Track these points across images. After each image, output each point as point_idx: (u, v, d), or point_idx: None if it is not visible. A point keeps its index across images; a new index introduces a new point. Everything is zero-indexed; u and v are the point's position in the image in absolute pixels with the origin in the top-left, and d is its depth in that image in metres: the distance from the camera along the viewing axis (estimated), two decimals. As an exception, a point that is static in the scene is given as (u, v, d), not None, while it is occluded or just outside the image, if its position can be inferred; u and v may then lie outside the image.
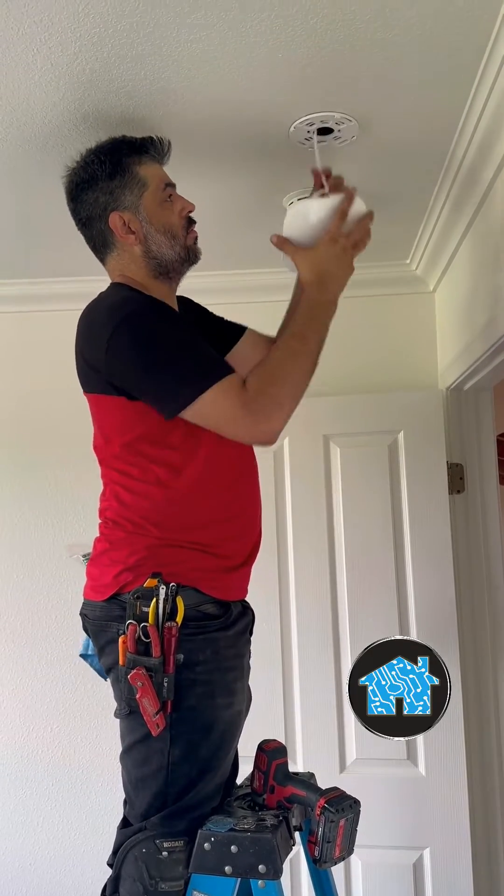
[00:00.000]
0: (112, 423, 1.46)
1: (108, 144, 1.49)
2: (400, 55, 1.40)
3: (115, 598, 1.41)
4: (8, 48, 1.35)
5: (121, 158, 1.47)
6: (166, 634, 1.31)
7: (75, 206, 1.52)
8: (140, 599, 1.32)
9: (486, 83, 1.48)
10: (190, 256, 1.54)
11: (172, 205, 1.51)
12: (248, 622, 1.54)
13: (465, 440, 2.41)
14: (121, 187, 1.46)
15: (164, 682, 1.30)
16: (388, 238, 2.26)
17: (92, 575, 1.49)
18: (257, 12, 1.28)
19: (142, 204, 1.47)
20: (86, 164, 1.48)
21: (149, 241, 1.48)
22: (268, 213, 1.95)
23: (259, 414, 1.35)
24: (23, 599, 2.53)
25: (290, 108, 1.55)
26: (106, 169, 1.46)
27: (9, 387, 2.61)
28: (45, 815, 2.50)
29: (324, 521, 2.36)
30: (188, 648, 1.34)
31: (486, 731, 2.33)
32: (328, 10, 1.28)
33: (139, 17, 1.28)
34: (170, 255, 1.50)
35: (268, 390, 1.36)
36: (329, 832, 1.35)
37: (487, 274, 1.87)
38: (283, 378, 1.38)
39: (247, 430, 1.38)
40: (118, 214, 1.47)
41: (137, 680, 1.29)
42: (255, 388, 1.36)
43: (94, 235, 1.52)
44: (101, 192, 1.47)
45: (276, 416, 1.36)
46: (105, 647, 1.44)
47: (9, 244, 2.20)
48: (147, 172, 1.48)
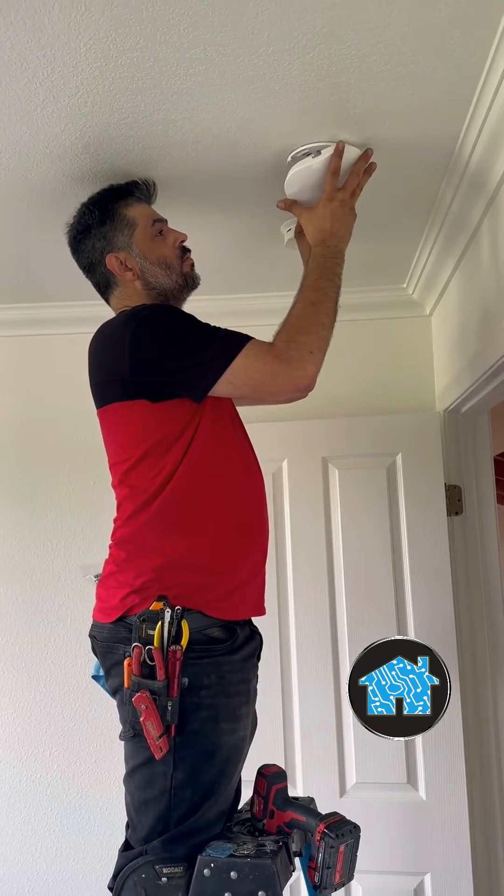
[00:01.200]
0: (132, 430, 1.49)
1: (96, 196, 1.61)
2: (396, 87, 1.43)
3: (122, 621, 1.42)
4: (11, 81, 1.38)
5: (107, 205, 1.59)
6: (171, 658, 1.31)
7: (78, 257, 1.65)
8: (146, 622, 1.33)
9: (480, 113, 1.51)
10: (188, 282, 1.63)
11: (165, 238, 1.61)
12: (256, 646, 1.54)
13: (462, 462, 2.42)
14: (112, 230, 1.58)
15: (168, 705, 1.30)
16: (385, 262, 2.30)
17: (100, 597, 1.51)
18: (255, 47, 1.32)
19: (134, 242, 1.58)
20: (79, 216, 1.61)
21: (146, 274, 1.58)
22: (268, 238, 1.98)
23: (294, 361, 1.42)
24: (23, 621, 2.53)
25: (288, 138, 1.58)
26: (96, 217, 1.59)
27: (12, 409, 2.63)
28: (44, 838, 2.47)
29: (323, 542, 2.36)
30: (193, 672, 1.35)
31: (487, 753, 2.32)
32: (324, 45, 1.31)
33: (139, 53, 1.32)
34: (168, 284, 1.59)
35: (297, 338, 1.44)
36: (329, 858, 1.35)
37: (482, 298, 1.89)
38: (308, 325, 1.46)
39: (286, 380, 1.43)
40: (114, 255, 1.58)
41: (141, 703, 1.30)
42: (284, 339, 1.44)
43: (98, 279, 1.63)
44: (96, 238, 1.59)
45: (308, 360, 1.43)
46: (112, 668, 1.45)
47: (11, 269, 2.22)
48: (134, 213, 1.59)
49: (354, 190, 1.61)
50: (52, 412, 2.57)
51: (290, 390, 1.46)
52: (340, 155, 1.56)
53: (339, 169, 1.58)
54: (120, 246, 1.57)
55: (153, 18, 1.24)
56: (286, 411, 2.40)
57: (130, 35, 1.28)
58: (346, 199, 1.60)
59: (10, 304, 2.51)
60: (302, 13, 1.24)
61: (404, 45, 1.32)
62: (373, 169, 1.63)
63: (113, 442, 1.55)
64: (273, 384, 1.44)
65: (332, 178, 1.58)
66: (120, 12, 1.23)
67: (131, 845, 1.40)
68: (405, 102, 1.48)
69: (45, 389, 2.60)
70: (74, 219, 1.62)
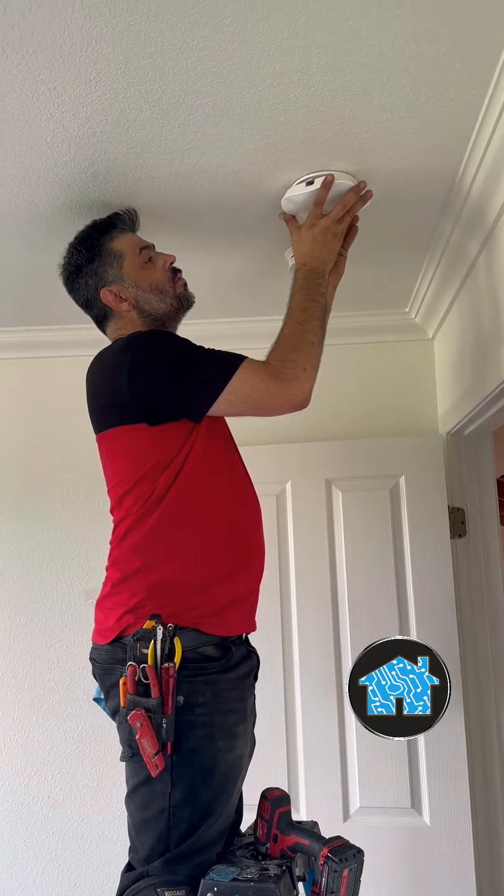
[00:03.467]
0: (130, 455, 1.51)
1: (81, 234, 1.65)
2: (397, 120, 1.47)
3: (118, 641, 1.44)
4: (22, 110, 1.41)
5: (93, 242, 1.62)
6: (164, 675, 1.33)
7: (75, 296, 1.68)
8: (139, 641, 1.35)
9: (479, 147, 1.54)
10: (182, 304, 1.67)
11: (154, 263, 1.64)
12: (253, 666, 1.55)
13: (465, 485, 2.43)
14: (101, 266, 1.61)
15: (162, 722, 1.31)
16: (388, 288, 2.33)
17: (97, 619, 1.53)
18: (260, 80, 1.35)
19: (124, 273, 1.61)
20: (69, 257, 1.65)
21: (140, 302, 1.62)
22: (270, 265, 2.01)
23: (289, 378, 1.47)
24: (24, 644, 2.53)
25: (291, 167, 1.61)
26: (84, 256, 1.62)
27: (15, 431, 2.65)
28: (46, 861, 2.46)
29: (326, 564, 2.37)
30: (188, 690, 1.36)
31: (491, 777, 2.31)
32: (327, 78, 1.35)
33: (147, 85, 1.35)
34: (163, 309, 1.63)
35: (290, 356, 1.49)
36: (332, 882, 1.34)
37: (480, 328, 1.92)
38: (299, 344, 1.51)
39: (282, 397, 1.48)
40: (107, 289, 1.61)
41: (136, 720, 1.31)
42: (278, 358, 1.49)
43: (96, 314, 1.67)
44: (88, 276, 1.63)
45: (303, 377, 1.48)
46: (110, 690, 1.46)
47: (16, 293, 2.25)
48: (120, 245, 1.63)
49: (342, 217, 1.64)
50: (55, 434, 2.58)
51: (286, 407, 1.50)
52: (328, 187, 1.61)
53: (324, 200, 1.62)
54: (111, 279, 1.61)
55: (161, 52, 1.28)
56: (289, 433, 2.44)
57: (139, 68, 1.31)
58: (329, 226, 1.64)
59: (14, 327, 2.54)
60: (306, 48, 1.28)
61: (406, 78, 1.36)
62: (369, 197, 1.67)
63: (111, 466, 1.57)
64: (270, 401, 1.48)
65: (315, 207, 1.63)
66: (129, 47, 1.26)
67: (133, 866, 1.40)
68: (406, 135, 1.51)
69: (48, 412, 2.62)
70: (65, 259, 1.66)
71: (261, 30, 1.24)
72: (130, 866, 1.41)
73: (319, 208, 1.64)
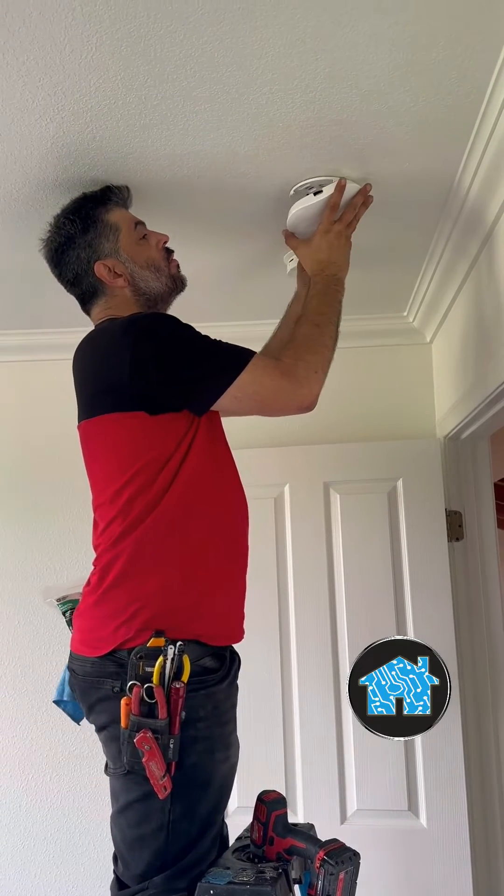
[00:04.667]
0: (124, 447, 1.41)
1: (71, 205, 1.56)
2: (395, 125, 1.47)
3: (111, 655, 1.34)
4: (23, 116, 1.42)
5: (88, 212, 1.53)
6: (173, 695, 1.26)
7: (60, 270, 1.58)
8: (143, 659, 1.28)
9: (477, 150, 1.55)
10: (177, 284, 1.61)
11: (148, 240, 1.57)
12: (236, 668, 1.50)
13: (463, 488, 2.44)
14: (97, 238, 1.52)
15: (170, 743, 1.26)
16: (386, 291, 2.33)
17: (82, 628, 1.43)
18: (259, 86, 1.36)
19: (120, 247, 1.53)
20: (58, 227, 1.55)
21: (136, 279, 1.54)
22: (269, 269, 2.02)
23: (301, 379, 1.43)
24: (22, 646, 2.53)
25: (290, 173, 1.62)
26: (78, 226, 1.53)
27: (8, 434, 2.65)
28: (43, 863, 2.46)
29: (324, 567, 2.37)
30: (190, 705, 1.30)
31: (488, 780, 2.31)
32: (326, 84, 1.36)
33: (147, 91, 1.36)
34: (157, 287, 1.56)
35: (304, 357, 1.46)
36: (329, 885, 1.34)
37: (482, 327, 1.92)
38: (314, 346, 1.48)
39: (290, 397, 1.43)
40: (102, 263, 1.52)
41: (144, 744, 1.24)
42: (292, 357, 1.46)
43: (84, 290, 1.57)
44: (81, 248, 1.53)
45: (314, 380, 1.45)
46: (96, 705, 1.38)
47: (14, 296, 2.26)
48: (116, 217, 1.55)
49: (351, 221, 1.65)
50: (49, 437, 2.58)
51: (293, 407, 1.45)
52: (342, 191, 1.60)
53: (339, 204, 1.61)
54: (107, 253, 1.52)
55: (161, 59, 1.29)
56: (288, 436, 2.44)
57: (139, 74, 1.32)
58: (342, 230, 1.63)
59: (7, 330, 2.54)
60: (304, 55, 1.29)
61: (403, 83, 1.36)
62: (370, 202, 1.67)
63: (100, 458, 1.47)
64: (278, 400, 1.44)
65: (330, 211, 1.62)
66: (129, 53, 1.27)
67: (123, 883, 1.35)
68: (404, 139, 1.52)
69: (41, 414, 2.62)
70: (51, 231, 1.56)
71: (259, 37, 1.25)
72: (122, 883, 1.35)
73: (334, 212, 1.61)
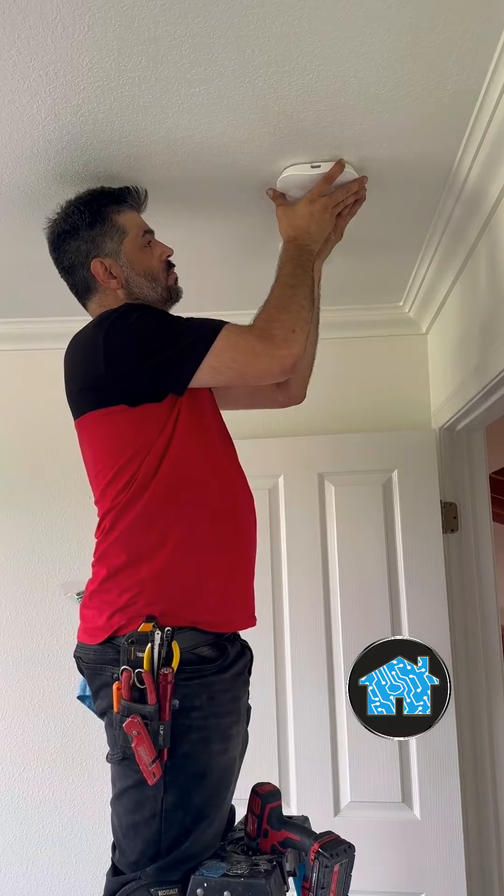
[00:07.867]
0: (110, 442, 1.44)
1: (86, 195, 1.56)
2: (393, 109, 1.45)
3: (110, 642, 1.37)
4: (13, 98, 1.39)
5: (100, 208, 1.53)
6: (161, 681, 1.27)
7: (58, 256, 1.59)
8: (134, 644, 1.29)
9: (476, 135, 1.53)
10: (172, 295, 1.61)
11: (152, 250, 1.57)
12: (247, 663, 1.50)
13: (458, 480, 2.43)
14: (101, 235, 1.53)
15: (159, 729, 1.26)
16: (382, 281, 2.32)
17: (85, 617, 1.46)
18: (255, 68, 1.33)
19: (122, 250, 1.53)
20: (66, 214, 1.55)
21: (131, 284, 1.54)
22: (264, 255, 1.99)
23: (277, 339, 1.40)
24: (16, 638, 2.52)
25: (285, 157, 1.59)
26: (86, 219, 1.53)
27: (6, 424, 2.63)
28: (36, 854, 2.45)
29: (318, 559, 2.36)
30: (183, 694, 1.30)
31: (482, 772, 2.31)
32: (323, 67, 1.33)
33: (142, 72, 1.33)
34: (152, 297, 1.56)
35: (278, 317, 1.43)
36: (323, 878, 1.33)
37: (478, 317, 1.91)
38: (288, 305, 1.45)
39: (269, 360, 1.40)
40: (99, 261, 1.53)
41: (133, 728, 1.25)
42: (265, 319, 1.44)
43: (76, 282, 1.58)
44: (83, 240, 1.53)
45: (291, 339, 1.41)
46: (99, 690, 1.40)
47: (9, 285, 2.23)
48: (126, 220, 1.55)
49: (339, 202, 1.62)
50: (43, 428, 2.56)
51: (275, 370, 1.42)
52: (341, 168, 1.58)
53: (334, 179, 1.59)
54: (107, 252, 1.53)
55: (155, 39, 1.26)
56: (282, 427, 2.43)
57: (133, 55, 1.29)
58: (329, 205, 1.60)
59: (8, 318, 2.52)
60: (300, 37, 1.26)
61: (401, 68, 1.34)
62: (363, 198, 1.65)
63: (92, 454, 1.49)
64: (257, 364, 1.41)
65: (322, 183, 1.59)
66: (122, 33, 1.25)
67: (119, 869, 1.35)
68: (402, 124, 1.50)
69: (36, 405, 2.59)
70: (59, 216, 1.56)
71: (255, 17, 1.22)
72: (117, 869, 1.36)
73: (327, 185, 1.59)
